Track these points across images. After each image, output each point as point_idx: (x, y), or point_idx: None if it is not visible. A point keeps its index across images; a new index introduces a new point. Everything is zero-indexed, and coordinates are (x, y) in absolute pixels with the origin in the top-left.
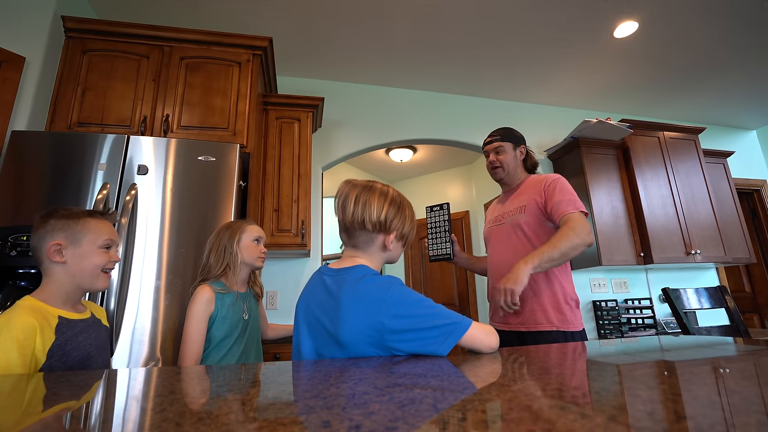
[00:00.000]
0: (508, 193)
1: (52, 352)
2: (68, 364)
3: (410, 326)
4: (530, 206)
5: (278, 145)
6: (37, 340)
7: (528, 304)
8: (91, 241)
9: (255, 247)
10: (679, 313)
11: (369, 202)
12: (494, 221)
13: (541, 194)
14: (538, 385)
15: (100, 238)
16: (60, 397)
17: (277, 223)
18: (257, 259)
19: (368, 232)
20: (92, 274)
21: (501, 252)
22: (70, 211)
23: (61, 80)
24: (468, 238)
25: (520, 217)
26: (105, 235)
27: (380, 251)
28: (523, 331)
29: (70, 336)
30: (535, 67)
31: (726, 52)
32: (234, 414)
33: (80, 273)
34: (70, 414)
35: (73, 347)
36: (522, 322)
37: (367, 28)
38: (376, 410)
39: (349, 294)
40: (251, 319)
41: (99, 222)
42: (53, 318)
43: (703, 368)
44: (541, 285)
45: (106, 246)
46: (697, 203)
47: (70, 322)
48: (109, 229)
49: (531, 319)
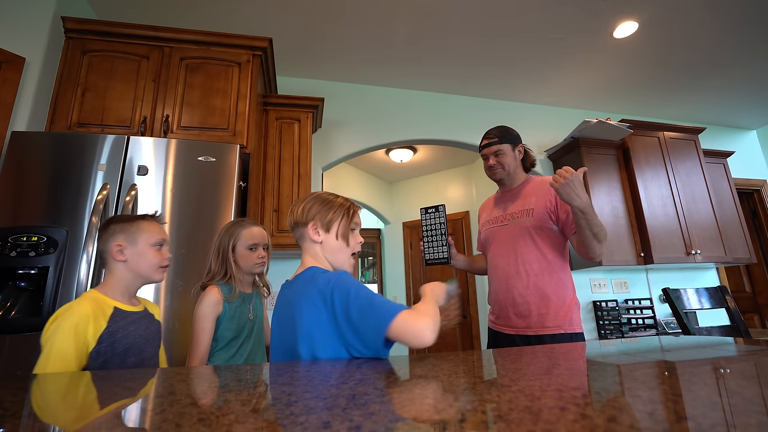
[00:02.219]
0: (509, 193)
1: (102, 338)
2: (117, 350)
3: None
4: (538, 210)
5: (278, 146)
6: (90, 326)
7: (535, 309)
8: (145, 240)
9: (250, 255)
10: (680, 313)
11: (295, 206)
12: (495, 222)
13: (551, 200)
14: (537, 385)
15: (153, 237)
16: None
17: (277, 224)
18: (255, 267)
19: (298, 229)
20: (150, 268)
21: (505, 255)
22: (126, 216)
23: (61, 81)
24: (468, 239)
25: (527, 220)
26: (157, 235)
27: (313, 244)
28: (530, 335)
29: (121, 325)
30: (535, 67)
31: (725, 51)
32: (234, 415)
33: (139, 268)
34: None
35: (123, 335)
36: (528, 325)
37: (367, 28)
38: (376, 410)
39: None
40: (257, 320)
41: (150, 224)
42: (109, 308)
43: (704, 368)
44: (548, 290)
45: (158, 244)
46: (698, 203)
47: (124, 313)
48: (159, 229)
49: (538, 323)
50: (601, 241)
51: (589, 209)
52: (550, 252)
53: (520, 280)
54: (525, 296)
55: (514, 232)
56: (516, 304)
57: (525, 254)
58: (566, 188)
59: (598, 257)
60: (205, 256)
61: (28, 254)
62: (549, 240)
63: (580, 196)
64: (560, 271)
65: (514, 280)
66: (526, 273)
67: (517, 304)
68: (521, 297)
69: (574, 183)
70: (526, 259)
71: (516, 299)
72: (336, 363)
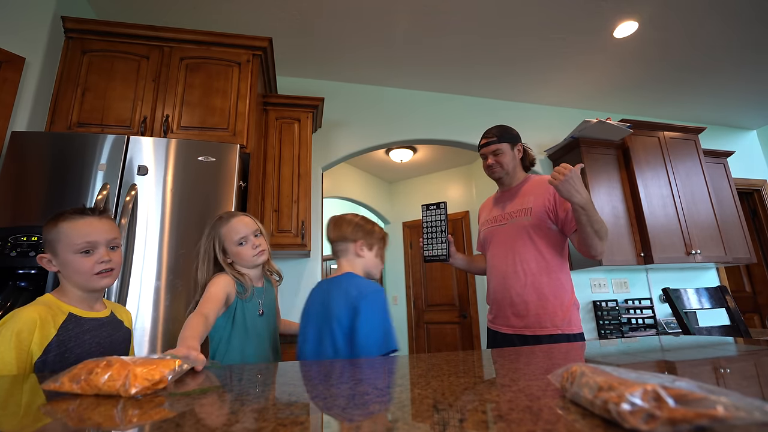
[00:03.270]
0: (508, 193)
1: (50, 347)
2: (69, 360)
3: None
4: (537, 210)
5: (278, 146)
6: (36, 335)
7: (533, 309)
8: (64, 248)
9: (243, 250)
10: (680, 313)
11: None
12: (494, 221)
13: (550, 199)
14: (537, 385)
15: (73, 243)
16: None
17: (277, 224)
18: (254, 259)
19: (343, 243)
20: (82, 277)
21: (503, 254)
22: (54, 216)
23: (61, 81)
24: (468, 239)
25: (525, 219)
26: (79, 239)
27: (356, 257)
28: (527, 334)
29: (75, 333)
30: (535, 67)
31: (726, 51)
32: (234, 415)
33: (72, 278)
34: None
35: (76, 344)
36: (526, 325)
37: (367, 28)
38: (376, 410)
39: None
40: (267, 317)
41: (72, 225)
42: (62, 314)
43: (704, 368)
44: (546, 290)
45: (84, 250)
46: (698, 203)
47: (80, 320)
48: (85, 230)
49: (536, 323)
50: (603, 239)
51: (590, 205)
52: (549, 252)
53: (518, 279)
54: (523, 296)
55: (512, 232)
56: (514, 304)
57: (523, 254)
58: (566, 185)
59: (599, 255)
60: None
61: (28, 254)
62: (547, 240)
63: (580, 192)
64: (558, 271)
65: (511, 280)
66: (524, 272)
67: (514, 304)
68: (519, 297)
69: (574, 179)
70: (524, 258)
71: (514, 299)
72: (336, 363)
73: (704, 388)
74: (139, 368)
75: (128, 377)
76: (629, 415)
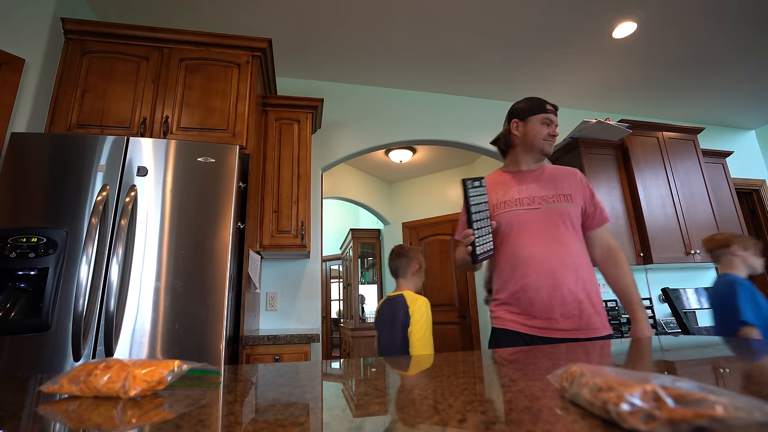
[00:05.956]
0: (530, 173)
1: None
2: None
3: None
4: (576, 198)
5: (278, 146)
6: None
7: (585, 308)
8: None
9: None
10: (679, 312)
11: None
12: (519, 204)
13: (584, 190)
14: (537, 385)
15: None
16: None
17: (277, 224)
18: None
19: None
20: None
21: (545, 243)
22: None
23: (61, 82)
24: None
25: (569, 206)
26: None
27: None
28: (580, 338)
29: None
30: (534, 68)
31: (725, 51)
32: (234, 416)
33: None
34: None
35: None
36: (577, 327)
37: (367, 29)
38: (376, 411)
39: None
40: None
41: None
42: None
43: (703, 368)
44: (592, 288)
45: None
46: (697, 203)
47: None
48: None
49: (588, 323)
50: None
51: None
52: (584, 246)
53: (570, 274)
54: (575, 293)
55: (553, 218)
56: (565, 303)
57: (569, 245)
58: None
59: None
60: (204, 257)
61: (27, 255)
62: (580, 231)
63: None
64: (592, 267)
65: (562, 274)
66: (575, 267)
67: (566, 303)
68: (571, 294)
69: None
70: (572, 250)
71: (565, 296)
72: (336, 363)
73: (704, 389)
74: (138, 370)
75: (127, 379)
76: (628, 415)
